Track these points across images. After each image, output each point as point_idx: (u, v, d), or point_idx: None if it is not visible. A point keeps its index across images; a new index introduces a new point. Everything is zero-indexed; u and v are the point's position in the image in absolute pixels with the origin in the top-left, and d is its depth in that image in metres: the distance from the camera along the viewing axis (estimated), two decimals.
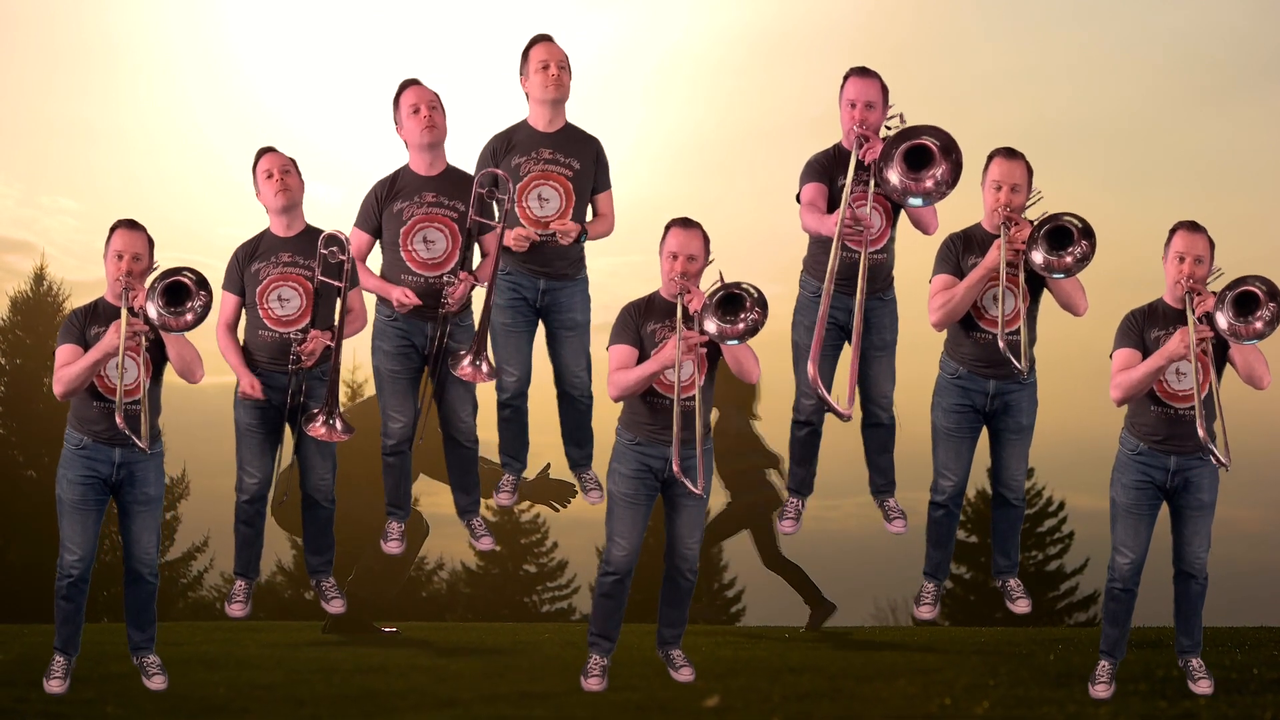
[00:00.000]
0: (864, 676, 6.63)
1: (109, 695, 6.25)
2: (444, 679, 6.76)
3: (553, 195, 6.61)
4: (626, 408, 6.21)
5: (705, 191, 27.39)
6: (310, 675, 6.89)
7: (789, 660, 7.39)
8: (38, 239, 33.64)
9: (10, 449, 23.73)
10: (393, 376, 6.61)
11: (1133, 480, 6.20)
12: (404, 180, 6.60)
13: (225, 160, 27.87)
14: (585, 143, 6.70)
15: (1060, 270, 6.13)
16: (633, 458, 6.16)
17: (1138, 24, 27.53)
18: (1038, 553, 27.42)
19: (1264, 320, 5.92)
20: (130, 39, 27.90)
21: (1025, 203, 6.26)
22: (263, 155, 6.58)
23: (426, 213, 6.54)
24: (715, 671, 6.79)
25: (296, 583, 26.28)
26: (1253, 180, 27.12)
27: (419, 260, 6.53)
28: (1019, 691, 6.17)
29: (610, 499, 6.22)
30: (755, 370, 6.10)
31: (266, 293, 6.50)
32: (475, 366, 6.49)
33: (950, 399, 6.45)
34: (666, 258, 6.11)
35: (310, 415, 6.47)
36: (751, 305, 5.95)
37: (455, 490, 6.92)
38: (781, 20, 26.95)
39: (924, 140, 6.31)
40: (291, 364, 6.46)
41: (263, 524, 6.76)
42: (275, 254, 6.53)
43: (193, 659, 7.46)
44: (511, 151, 6.63)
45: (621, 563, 6.19)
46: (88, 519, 6.27)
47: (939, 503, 6.61)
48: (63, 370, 6.19)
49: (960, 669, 6.83)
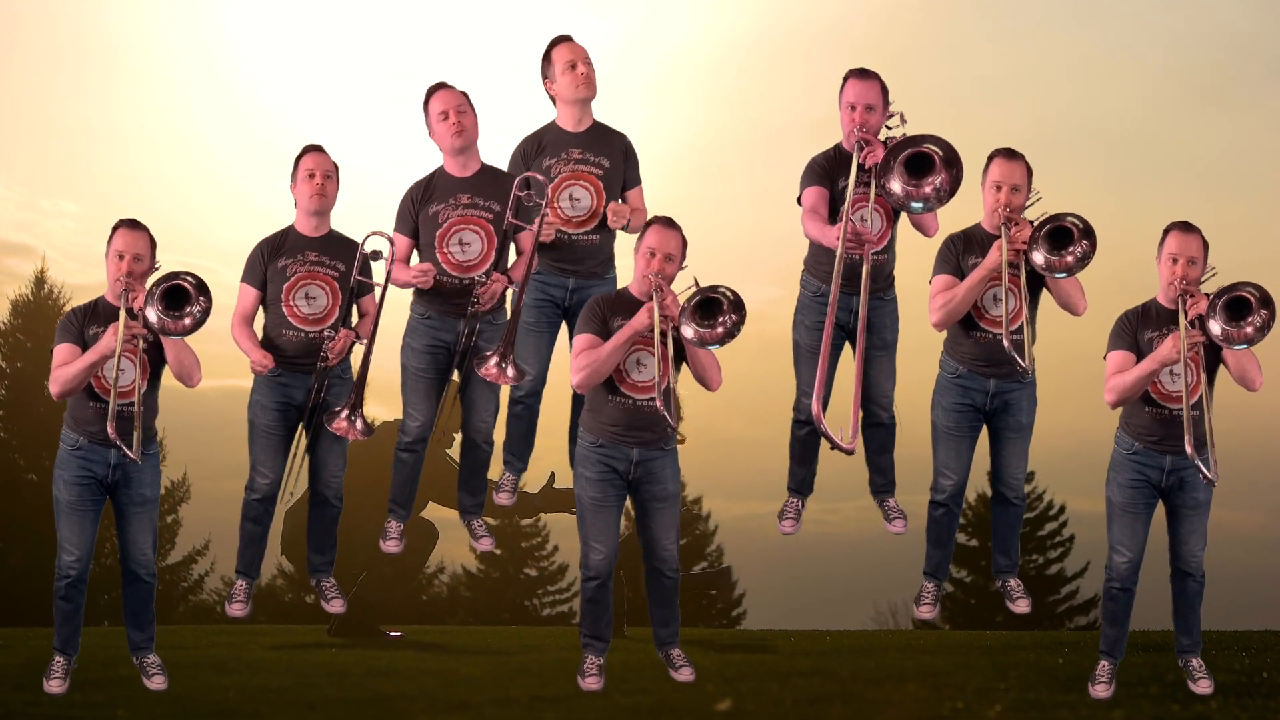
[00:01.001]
0: (874, 680, 6.64)
1: (119, 699, 6.25)
2: (453, 683, 6.77)
3: (584, 195, 6.61)
4: (589, 409, 6.18)
5: (706, 194, 27.39)
6: (320, 679, 6.90)
7: (798, 664, 7.40)
8: (38, 242, 33.60)
9: (11, 452, 23.68)
10: (418, 374, 6.59)
11: (1128, 479, 6.22)
12: (439, 182, 6.58)
13: (226, 163, 27.87)
14: (614, 140, 6.69)
15: (1061, 270, 6.13)
16: (596, 460, 6.14)
17: (1138, 26, 27.55)
18: (1038, 556, 27.39)
19: (1255, 326, 5.92)
20: (130, 41, 27.89)
21: (1025, 203, 6.27)
22: (309, 152, 6.54)
23: (462, 215, 6.53)
24: (725, 675, 6.80)
25: (297, 586, 26.26)
26: (1253, 182, 27.12)
27: (454, 262, 6.52)
28: (1030, 695, 6.17)
29: (580, 504, 6.20)
30: (717, 378, 6.09)
31: (293, 290, 6.48)
32: (500, 369, 6.48)
33: (950, 398, 6.45)
34: (644, 254, 6.09)
35: (332, 412, 6.46)
36: (729, 308, 5.92)
37: (461, 490, 6.90)
38: (782, 22, 26.96)
39: (926, 148, 6.32)
40: (320, 362, 6.45)
41: (269, 523, 6.71)
42: (302, 252, 6.51)
43: (201, 662, 7.47)
44: (542, 153, 6.63)
45: (601, 566, 6.18)
46: (85, 519, 6.26)
47: (939, 502, 6.61)
48: (60, 370, 6.17)
49: (970, 672, 6.84)
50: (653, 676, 6.56)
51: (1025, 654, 7.81)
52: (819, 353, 6.54)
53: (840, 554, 30.92)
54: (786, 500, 7.01)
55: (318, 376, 6.44)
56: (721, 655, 7.91)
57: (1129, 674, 6.29)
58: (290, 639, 9.84)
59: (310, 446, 6.58)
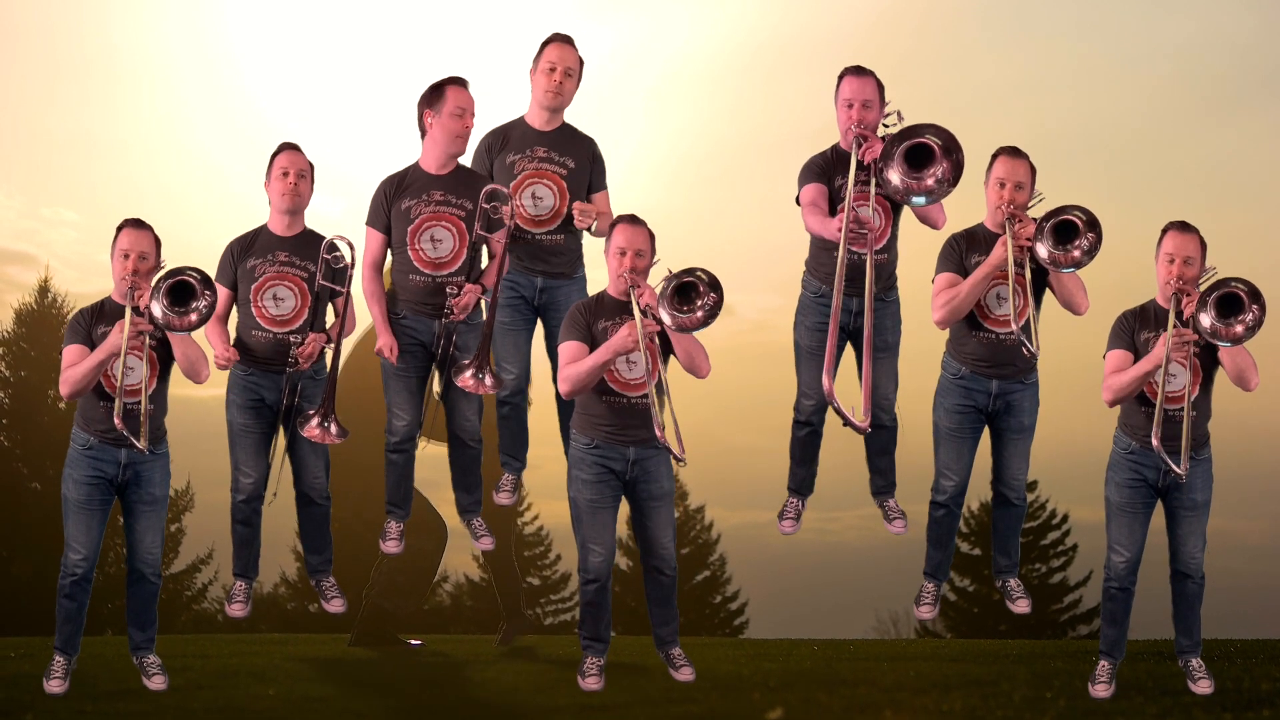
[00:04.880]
0: (918, 689, 6.61)
1: (166, 708, 6.22)
2: (499, 692, 6.75)
3: (546, 194, 6.61)
4: (581, 410, 6.19)
5: (706, 202, 27.41)
6: (363, 688, 6.87)
7: (838, 672, 7.37)
8: (39, 251, 33.55)
9: (14, 461, 23.64)
10: (399, 374, 6.60)
11: (1126, 479, 6.26)
12: (412, 178, 6.58)
13: (226, 172, 27.88)
14: (581, 142, 6.71)
15: (1067, 264, 6.15)
16: (591, 462, 6.14)
17: (1141, 36, 27.64)
18: (1041, 565, 27.44)
19: (1245, 324, 5.97)
20: (131, 51, 27.89)
21: (1029, 200, 6.28)
22: (283, 150, 6.58)
23: (435, 211, 6.53)
24: (768, 684, 6.78)
25: (300, 594, 26.23)
26: (1255, 192, 27.23)
27: (426, 259, 6.52)
28: (1079, 703, 6.16)
29: (575, 506, 6.21)
30: (705, 365, 6.08)
31: (261, 291, 6.49)
32: (478, 379, 6.48)
33: (953, 399, 6.47)
34: (614, 254, 6.10)
35: (305, 416, 6.47)
36: (705, 290, 5.90)
37: (457, 489, 6.94)
38: (782, 32, 27.00)
39: (925, 139, 6.33)
40: (289, 365, 6.45)
41: (259, 523, 6.75)
42: (272, 252, 6.53)
43: (240, 671, 7.44)
44: (506, 148, 6.63)
45: (600, 568, 6.19)
46: (93, 519, 6.28)
47: (940, 502, 6.64)
48: (69, 371, 6.19)
49: (1013, 681, 6.82)
50: (699, 685, 6.54)
51: (1056, 662, 7.78)
52: (818, 354, 6.58)
53: (841, 562, 30.93)
54: (786, 500, 7.04)
55: (289, 379, 6.46)
56: (755, 663, 7.88)
57: (1177, 683, 6.32)
58: (312, 649, 9.79)
59: (290, 448, 6.61)
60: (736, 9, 27.18)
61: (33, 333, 24.52)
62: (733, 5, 27.07)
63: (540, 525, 28.50)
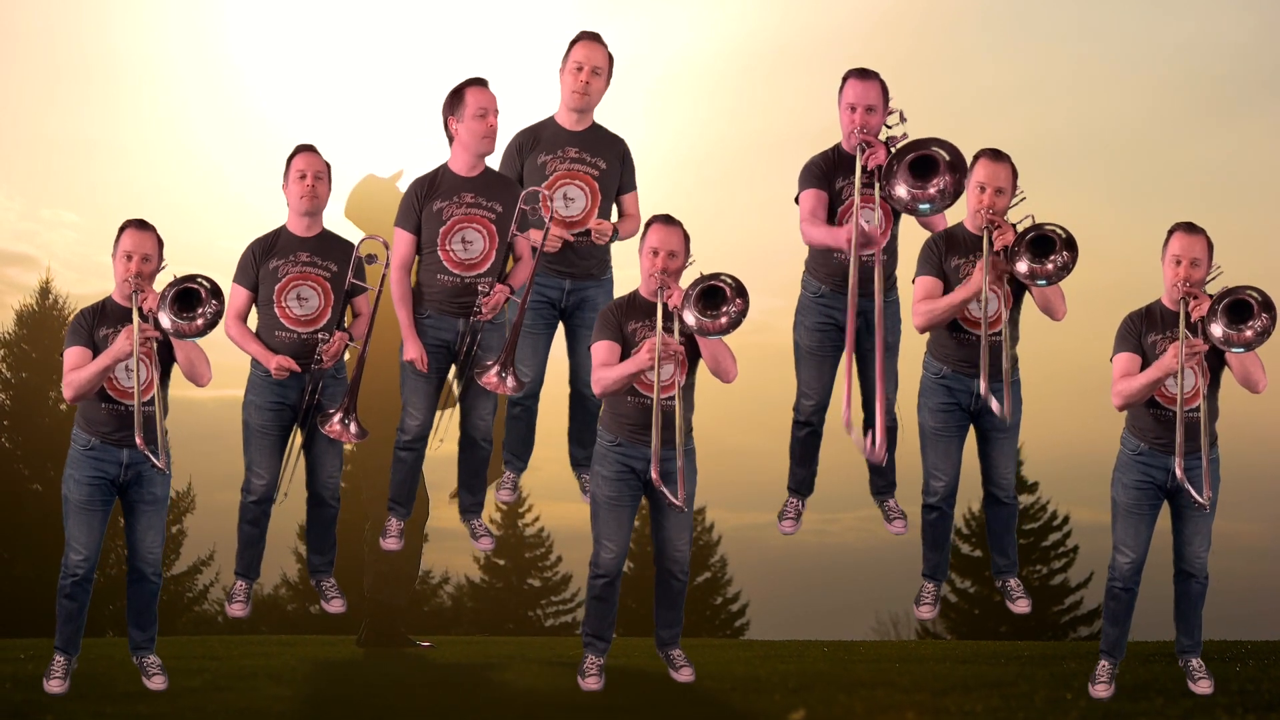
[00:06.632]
0: (938, 690, 6.62)
1: (185, 709, 6.21)
2: (518, 693, 6.75)
3: (578, 195, 6.61)
4: (609, 407, 6.20)
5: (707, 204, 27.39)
6: (385, 689, 6.87)
7: (854, 674, 7.38)
8: (39, 252, 33.50)
9: (15, 462, 23.60)
10: (416, 374, 6.59)
11: (1134, 480, 6.26)
12: (443, 179, 6.57)
13: (226, 174, 27.80)
14: (612, 143, 6.71)
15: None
16: (614, 459, 6.15)
17: (1140, 39, 27.65)
18: (1042, 566, 27.42)
19: (1255, 330, 5.98)
20: (131, 54, 27.82)
21: (1009, 204, 6.25)
22: (300, 153, 6.56)
23: (466, 213, 6.53)
24: (788, 685, 6.78)
25: (300, 596, 26.22)
26: (1255, 195, 27.23)
27: (456, 260, 6.51)
28: (1101, 705, 6.16)
29: (594, 502, 6.22)
30: (733, 369, 6.09)
31: (285, 291, 6.49)
32: (500, 378, 6.48)
33: (936, 399, 6.46)
34: (647, 254, 6.10)
35: (326, 414, 6.47)
36: (732, 296, 5.92)
37: (461, 488, 6.93)
38: (783, 34, 26.98)
39: (931, 150, 6.34)
40: (314, 364, 6.45)
41: (267, 524, 6.73)
42: (294, 252, 6.53)
43: (258, 672, 7.43)
44: (537, 148, 6.63)
45: (611, 565, 6.19)
46: (94, 519, 6.27)
47: (932, 505, 6.63)
48: (73, 375, 6.17)
49: (1032, 682, 6.83)
50: (719, 687, 6.54)
51: (1071, 664, 7.78)
52: (818, 354, 6.59)
53: (841, 564, 30.94)
54: (786, 500, 7.03)
55: (312, 378, 6.45)
56: (769, 665, 7.89)
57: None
58: (322, 651, 9.79)
59: (305, 447, 6.61)
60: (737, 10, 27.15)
61: (33, 334, 24.47)
62: (733, 6, 27.05)
63: (541, 527, 28.53)
